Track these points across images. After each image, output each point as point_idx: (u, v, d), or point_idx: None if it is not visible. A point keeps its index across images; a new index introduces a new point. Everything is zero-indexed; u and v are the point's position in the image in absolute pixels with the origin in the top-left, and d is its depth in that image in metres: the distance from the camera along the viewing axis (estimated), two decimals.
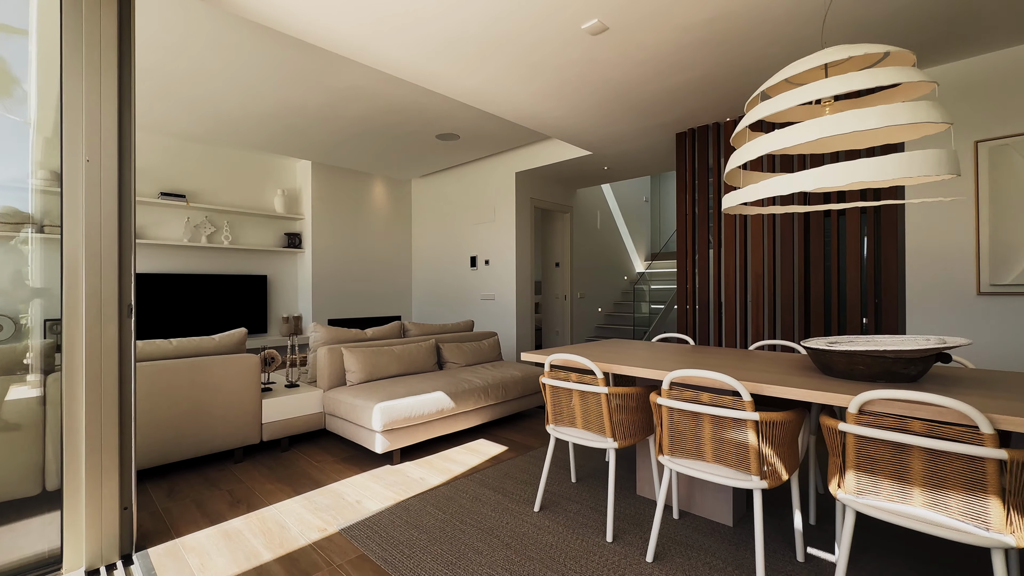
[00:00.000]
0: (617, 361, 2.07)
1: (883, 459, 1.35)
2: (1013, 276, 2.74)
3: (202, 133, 4.75)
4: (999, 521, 1.20)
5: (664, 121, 3.95)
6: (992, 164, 2.80)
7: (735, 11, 2.36)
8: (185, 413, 2.60)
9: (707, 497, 2.12)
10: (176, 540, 1.96)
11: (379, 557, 1.81)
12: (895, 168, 1.48)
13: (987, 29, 2.55)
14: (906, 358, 1.54)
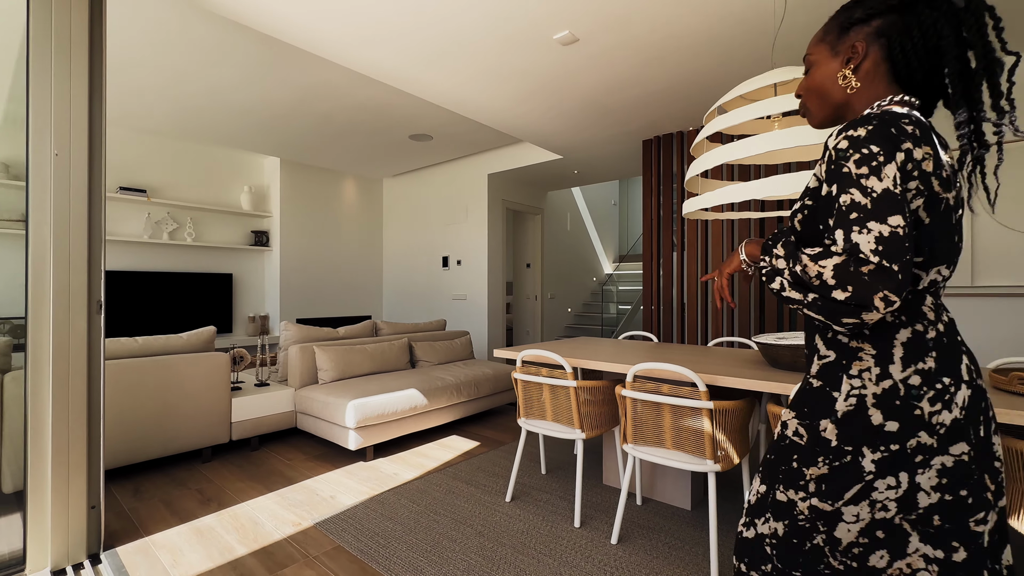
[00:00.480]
0: (585, 356, 2.18)
1: None
2: None
3: (165, 127, 4.61)
4: None
5: (631, 129, 4.12)
6: None
7: (692, 30, 2.52)
8: (151, 412, 2.55)
9: (667, 484, 2.26)
10: (146, 538, 1.94)
11: (355, 548, 1.86)
12: None
13: None
14: None
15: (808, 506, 0.80)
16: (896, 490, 0.74)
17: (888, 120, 0.74)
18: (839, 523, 0.78)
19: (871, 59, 0.84)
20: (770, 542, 0.85)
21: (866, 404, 0.76)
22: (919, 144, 0.73)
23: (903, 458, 0.74)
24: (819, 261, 0.74)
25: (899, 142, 0.73)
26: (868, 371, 0.77)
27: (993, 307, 2.88)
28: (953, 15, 0.77)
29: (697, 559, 1.78)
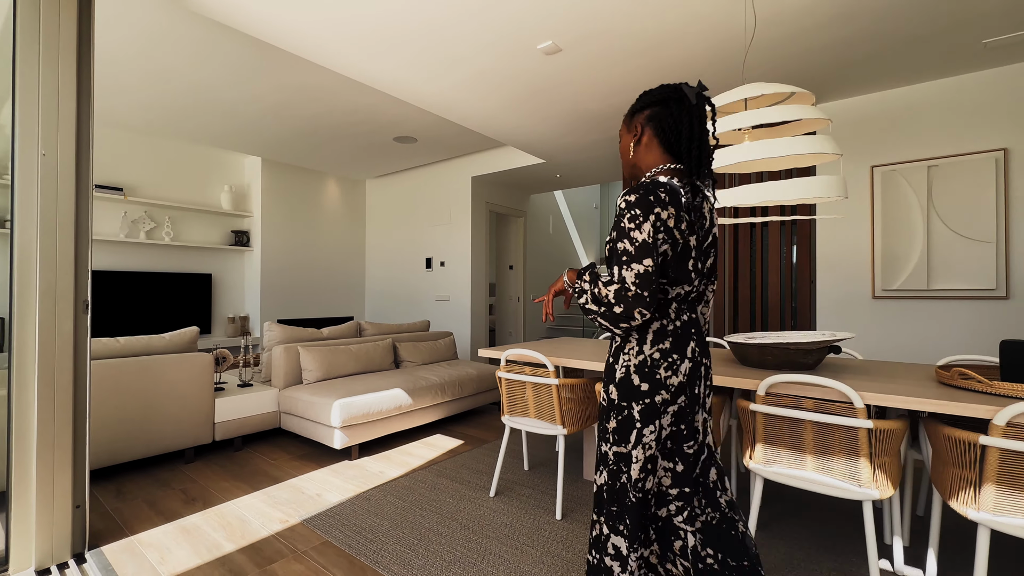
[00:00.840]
0: (567, 356, 2.27)
1: (783, 432, 1.63)
2: (899, 282, 3.21)
3: (142, 124, 4.55)
4: (868, 479, 1.49)
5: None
6: (884, 186, 3.27)
7: (668, 44, 2.64)
8: (134, 413, 2.54)
9: None
10: (131, 537, 1.95)
11: (342, 543, 1.90)
12: (796, 190, 1.77)
13: (881, 72, 2.99)
14: (804, 349, 1.83)
15: (613, 452, 1.21)
16: (655, 433, 1.18)
17: (649, 189, 1.14)
18: (632, 464, 1.18)
19: (647, 135, 1.27)
20: (602, 488, 1.22)
21: (630, 371, 1.20)
22: (666, 207, 1.13)
23: (654, 409, 1.17)
24: (607, 287, 1.14)
25: (653, 207, 1.13)
26: (633, 349, 1.21)
27: (946, 309, 3.08)
28: (688, 110, 1.21)
29: None
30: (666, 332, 1.20)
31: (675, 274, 1.19)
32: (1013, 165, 2.91)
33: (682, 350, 1.19)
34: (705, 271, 1.24)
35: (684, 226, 1.17)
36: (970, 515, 1.36)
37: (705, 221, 1.23)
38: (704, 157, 1.22)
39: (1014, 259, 2.90)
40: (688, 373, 1.19)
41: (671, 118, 1.23)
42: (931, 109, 3.13)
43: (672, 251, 1.17)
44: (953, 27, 2.49)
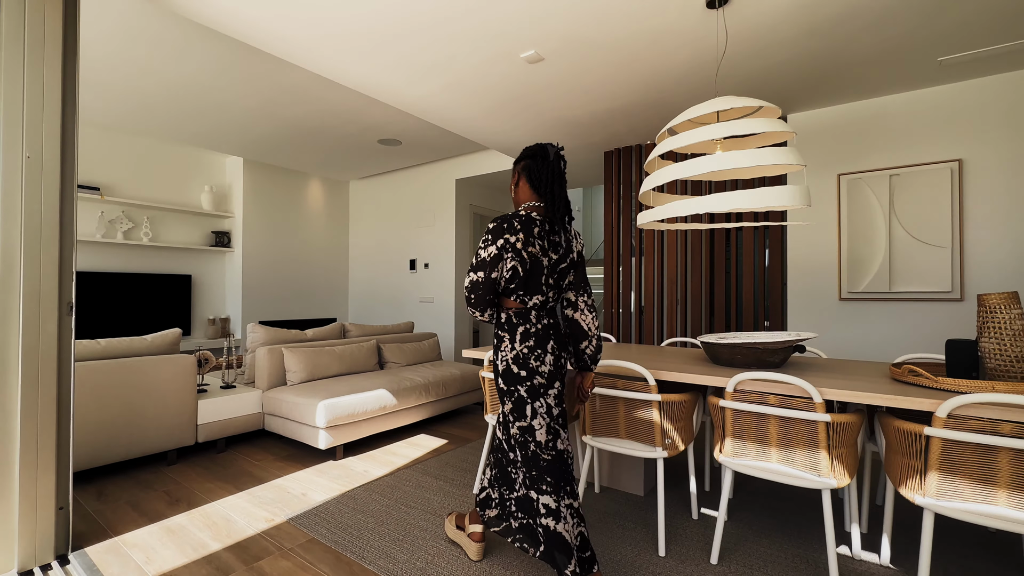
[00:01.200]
0: None
1: (750, 427, 1.73)
2: (864, 285, 3.38)
3: (120, 123, 4.49)
4: (827, 469, 1.60)
5: (593, 141, 4.35)
6: (849, 194, 3.44)
7: (647, 56, 2.75)
8: (115, 415, 2.53)
9: (623, 473, 2.46)
10: (115, 538, 1.95)
11: (329, 539, 1.94)
12: (763, 199, 1.88)
13: (845, 86, 3.15)
14: (771, 348, 1.94)
15: (517, 428, 1.57)
16: (543, 407, 1.55)
17: (504, 219, 1.55)
18: (536, 432, 1.54)
19: (522, 179, 1.67)
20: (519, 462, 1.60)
21: (509, 363, 1.58)
22: (516, 233, 1.52)
23: (535, 389, 1.55)
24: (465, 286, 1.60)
25: (503, 233, 1.53)
26: (507, 347, 1.59)
27: (906, 310, 3.26)
28: (548, 164, 1.61)
29: (647, 537, 1.97)
30: (529, 334, 1.57)
31: (528, 287, 1.55)
32: (967, 175, 3.09)
33: (544, 347, 1.57)
34: (564, 284, 1.64)
35: (534, 249, 1.53)
36: (917, 500, 1.47)
37: (560, 247, 1.59)
38: (558, 198, 1.60)
39: (967, 263, 3.09)
40: (553, 366, 1.58)
41: (536, 169, 1.62)
42: (892, 121, 3.30)
43: (522, 268, 1.53)
44: (910, 45, 2.65)
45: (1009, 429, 1.33)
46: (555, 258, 1.57)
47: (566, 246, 1.61)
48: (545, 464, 1.52)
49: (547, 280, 1.56)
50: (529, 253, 1.52)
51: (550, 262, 1.56)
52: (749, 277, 3.86)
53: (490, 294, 1.55)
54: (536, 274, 1.54)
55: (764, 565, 1.78)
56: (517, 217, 1.55)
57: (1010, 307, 1.58)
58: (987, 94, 3.03)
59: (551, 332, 1.58)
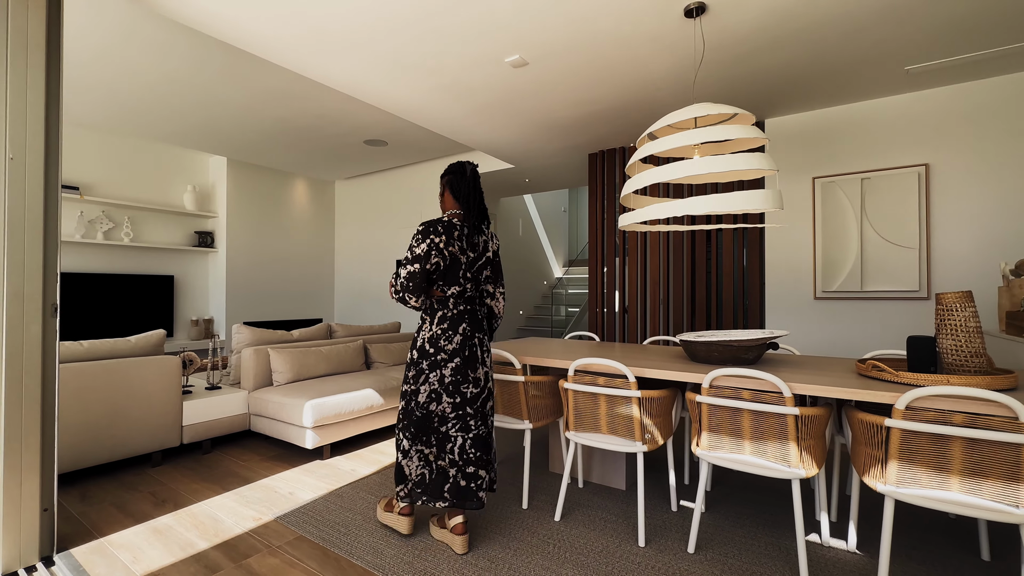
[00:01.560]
0: (533, 354, 2.40)
1: (724, 421, 1.81)
2: (837, 284, 3.51)
3: (100, 121, 4.43)
4: (796, 460, 1.69)
5: (578, 143, 4.42)
6: (823, 197, 3.56)
7: (626, 61, 2.82)
8: (98, 417, 2.52)
9: (605, 467, 2.52)
10: (101, 539, 1.96)
11: (317, 537, 1.97)
12: (738, 202, 1.95)
13: (818, 93, 3.27)
14: (746, 346, 2.02)
15: (409, 390, 1.93)
16: (438, 378, 1.87)
17: (431, 223, 1.87)
18: (419, 395, 1.89)
19: (446, 191, 2.01)
20: (400, 413, 1.97)
21: (425, 341, 1.91)
22: (439, 235, 1.85)
23: (436, 363, 1.87)
24: (397, 279, 1.89)
25: (429, 235, 1.85)
26: (427, 327, 1.92)
27: (877, 308, 3.39)
28: (465, 179, 1.96)
29: (628, 529, 2.04)
30: (445, 317, 1.91)
31: (447, 279, 1.90)
32: (933, 179, 3.23)
33: (455, 329, 1.90)
34: (482, 278, 1.99)
35: (453, 248, 1.87)
36: (879, 488, 1.56)
37: (478, 247, 1.96)
38: (474, 206, 1.96)
39: (934, 263, 3.22)
40: (460, 343, 1.89)
41: (457, 183, 1.97)
42: (863, 127, 3.43)
43: (443, 263, 1.87)
44: (879, 55, 2.76)
45: (961, 420, 1.42)
46: (472, 256, 1.93)
47: (483, 246, 1.98)
48: (415, 418, 1.89)
49: (464, 274, 1.91)
50: (449, 252, 1.87)
51: (467, 259, 1.92)
52: (729, 277, 3.97)
53: (425, 283, 1.86)
54: (455, 269, 1.89)
55: (739, 553, 1.86)
56: (441, 222, 1.88)
57: (965, 306, 1.68)
58: (952, 102, 3.17)
59: (465, 316, 1.93)
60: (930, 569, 1.76)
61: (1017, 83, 3.00)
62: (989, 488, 1.41)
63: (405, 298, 1.88)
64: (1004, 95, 3.03)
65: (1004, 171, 3.03)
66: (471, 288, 1.94)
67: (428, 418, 1.88)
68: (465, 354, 1.89)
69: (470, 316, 1.93)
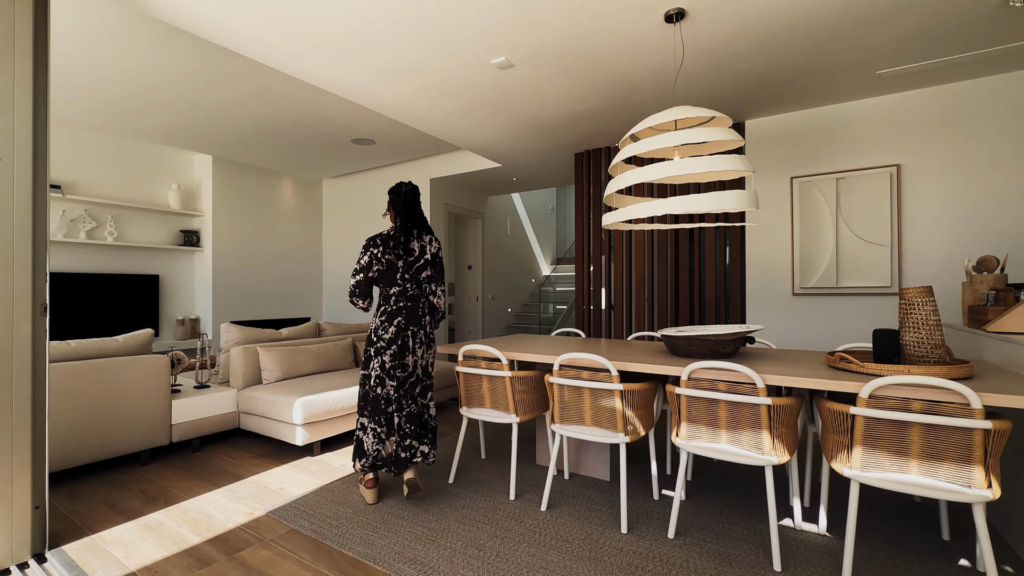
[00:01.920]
0: (519, 350, 2.47)
1: (702, 412, 1.89)
2: (814, 281, 3.63)
3: (83, 119, 4.38)
4: (769, 447, 1.77)
5: (564, 142, 4.49)
6: (801, 196, 3.68)
7: (610, 63, 2.89)
8: (86, 416, 2.52)
9: (591, 459, 2.60)
10: (93, 536, 1.98)
11: (308, 530, 2.01)
12: (715, 202, 2.04)
13: (795, 95, 3.37)
14: (723, 340, 2.11)
15: (361, 375, 2.33)
16: (380, 364, 2.25)
17: (371, 239, 2.32)
18: (370, 379, 2.27)
19: (389, 208, 2.41)
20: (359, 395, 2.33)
21: (371, 332, 2.32)
22: (377, 247, 2.29)
23: (378, 350, 2.26)
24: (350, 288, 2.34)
25: (369, 248, 2.30)
26: (373, 322, 2.33)
27: (851, 303, 3.51)
28: (401, 196, 2.36)
29: (612, 517, 2.12)
30: (385, 312, 2.29)
31: (387, 282, 2.30)
32: (904, 179, 3.36)
33: (391, 322, 2.27)
34: (422, 278, 2.34)
35: (390, 256, 2.29)
36: (845, 472, 1.66)
37: (414, 252, 2.33)
38: (408, 219, 2.36)
39: (905, 260, 3.36)
40: (394, 335, 2.25)
41: (393, 200, 2.38)
42: (838, 128, 3.55)
43: (382, 269, 2.29)
44: (852, 59, 2.87)
45: (919, 407, 1.52)
46: (409, 260, 2.32)
47: (419, 251, 2.35)
48: (371, 397, 2.25)
49: (403, 276, 2.30)
50: (386, 259, 2.29)
51: (404, 263, 2.30)
52: (711, 274, 4.07)
53: (368, 288, 2.32)
54: (392, 272, 2.30)
55: (716, 538, 1.95)
56: (380, 235, 2.32)
57: (926, 301, 1.78)
58: (922, 105, 3.30)
59: (403, 311, 2.29)
60: (894, 548, 1.86)
61: (982, 87, 3.13)
62: (945, 470, 1.51)
63: (354, 301, 2.33)
64: (971, 99, 3.16)
65: (971, 171, 3.17)
66: (412, 287, 2.31)
67: (377, 400, 2.23)
68: (399, 343, 2.25)
69: (408, 311, 2.29)
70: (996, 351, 2.00)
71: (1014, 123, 3.06)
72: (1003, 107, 3.08)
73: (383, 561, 1.78)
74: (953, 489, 1.49)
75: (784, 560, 1.79)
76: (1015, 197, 3.06)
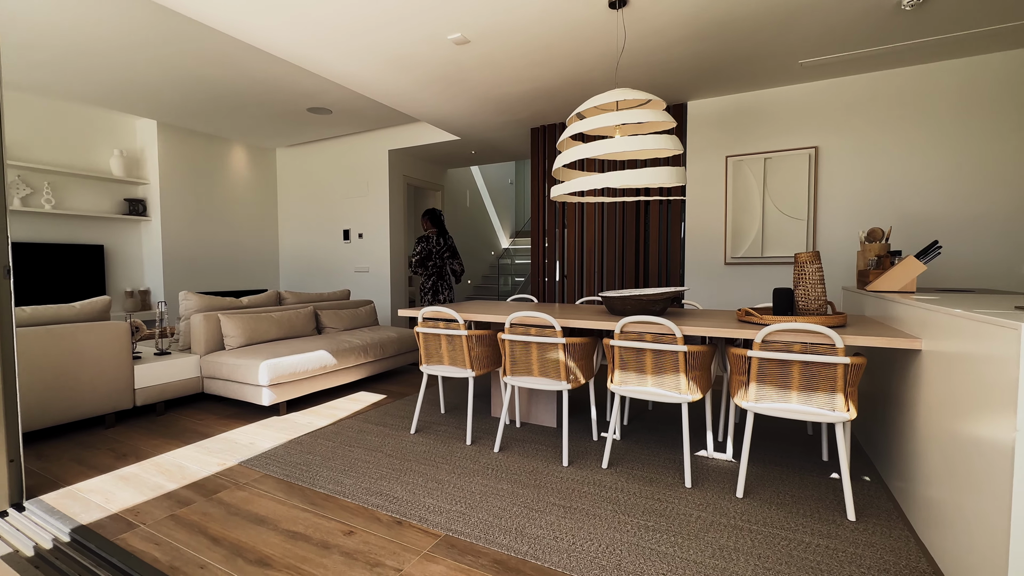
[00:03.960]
0: (474, 312, 2.69)
1: (631, 360, 2.19)
2: (743, 251, 4.03)
3: (11, 78, 4.12)
4: (685, 387, 2.10)
5: (520, 118, 4.64)
6: (734, 173, 4.04)
7: (558, 45, 3.07)
8: (48, 380, 2.56)
9: (540, 409, 2.90)
10: (69, 487, 2.09)
11: (281, 475, 2.20)
12: (646, 177, 2.29)
13: (729, 80, 3.67)
14: (653, 299, 2.41)
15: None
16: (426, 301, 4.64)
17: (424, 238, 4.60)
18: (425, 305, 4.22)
19: (426, 221, 4.66)
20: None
21: (421, 287, 4.71)
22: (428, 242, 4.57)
23: (423, 296, 4.67)
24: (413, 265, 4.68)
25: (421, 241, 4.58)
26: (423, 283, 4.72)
27: (774, 272, 3.94)
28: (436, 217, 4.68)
29: (556, 455, 2.42)
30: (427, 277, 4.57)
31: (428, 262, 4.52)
32: (821, 160, 3.76)
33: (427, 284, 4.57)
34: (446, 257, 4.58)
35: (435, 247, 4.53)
36: (743, 405, 2.00)
37: (442, 245, 4.57)
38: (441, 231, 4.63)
39: (819, 233, 3.79)
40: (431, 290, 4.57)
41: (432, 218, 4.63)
42: (766, 112, 3.90)
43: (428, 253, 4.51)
44: (776, 49, 3.17)
45: (799, 348, 1.86)
46: (441, 248, 4.51)
47: (444, 245, 4.53)
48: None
49: (438, 258, 4.49)
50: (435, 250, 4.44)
51: (438, 251, 4.45)
52: (655, 245, 4.41)
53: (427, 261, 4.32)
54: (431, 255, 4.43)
55: (642, 467, 2.29)
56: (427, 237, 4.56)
57: (813, 263, 2.13)
58: (838, 93, 3.68)
59: (433, 276, 4.55)
60: (782, 468, 2.26)
61: (888, 79, 3.53)
62: (817, 399, 1.87)
63: (416, 271, 4.50)
64: (878, 88, 3.56)
65: (876, 154, 3.60)
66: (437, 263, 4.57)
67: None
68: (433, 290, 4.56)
69: (436, 275, 4.56)
70: (874, 307, 2.40)
71: (914, 113, 3.48)
72: (907, 97, 3.49)
73: (352, 495, 2.00)
74: (822, 413, 1.85)
75: (694, 480, 2.15)
76: (908, 178, 3.52)
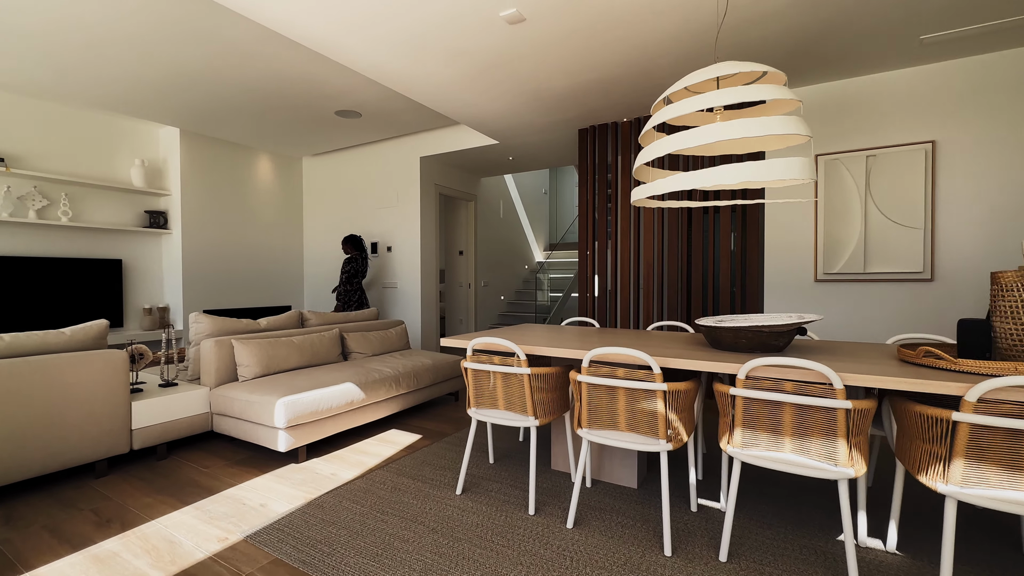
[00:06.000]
0: (534, 343, 2.16)
1: (762, 415, 1.61)
2: (839, 266, 3.39)
3: (25, 83, 3.86)
4: (844, 458, 1.51)
5: (568, 117, 4.14)
6: (827, 175, 3.43)
7: (637, 20, 2.56)
8: (26, 424, 2.13)
9: (615, 465, 2.32)
10: (26, 575, 1.62)
11: (295, 559, 1.69)
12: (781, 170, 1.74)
13: (827, 63, 3.09)
14: (776, 331, 1.83)
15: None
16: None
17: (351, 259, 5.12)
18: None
19: (348, 246, 5.12)
20: None
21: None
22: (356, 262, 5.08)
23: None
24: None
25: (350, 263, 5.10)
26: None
27: (880, 290, 3.29)
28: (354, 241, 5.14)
29: (649, 535, 1.85)
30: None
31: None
32: (940, 157, 3.13)
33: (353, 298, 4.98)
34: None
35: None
36: (940, 488, 1.40)
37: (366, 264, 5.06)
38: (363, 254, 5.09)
39: (939, 244, 3.14)
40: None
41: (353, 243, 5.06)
42: (871, 102, 3.29)
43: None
44: (896, 22, 2.59)
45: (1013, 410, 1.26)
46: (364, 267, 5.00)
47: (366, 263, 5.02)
48: None
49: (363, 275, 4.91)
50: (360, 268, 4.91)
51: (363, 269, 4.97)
52: (726, 259, 3.81)
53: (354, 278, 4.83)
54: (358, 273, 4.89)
55: (774, 560, 1.69)
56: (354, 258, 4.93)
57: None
58: (962, 76, 3.05)
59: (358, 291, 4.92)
60: (988, 569, 1.63)
61: None
62: None
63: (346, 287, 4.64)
64: (1015, 69, 2.92)
65: (1012, 148, 2.95)
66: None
67: None
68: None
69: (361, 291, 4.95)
70: None
71: None
72: None
73: None
74: None
75: None
76: None
